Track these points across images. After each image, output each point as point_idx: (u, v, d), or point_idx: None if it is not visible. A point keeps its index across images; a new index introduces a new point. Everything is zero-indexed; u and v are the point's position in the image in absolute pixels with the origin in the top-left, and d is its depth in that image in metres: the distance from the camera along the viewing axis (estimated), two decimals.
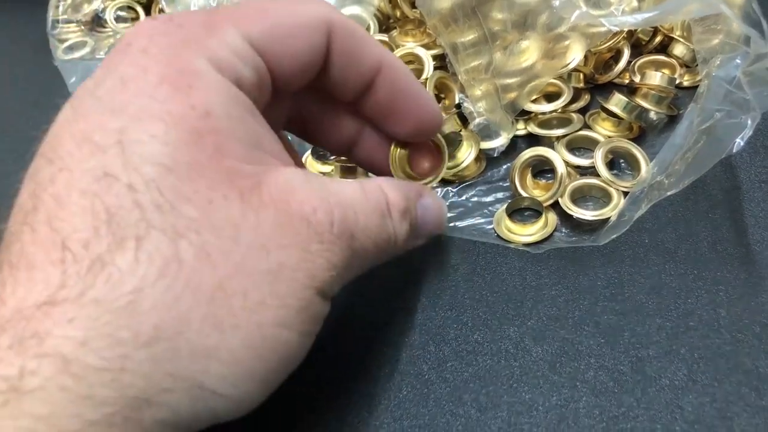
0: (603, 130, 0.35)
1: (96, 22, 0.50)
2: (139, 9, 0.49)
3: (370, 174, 0.31)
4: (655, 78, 0.34)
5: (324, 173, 0.36)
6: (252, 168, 0.19)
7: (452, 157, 0.34)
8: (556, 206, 0.32)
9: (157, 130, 0.18)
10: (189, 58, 0.19)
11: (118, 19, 0.49)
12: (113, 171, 0.17)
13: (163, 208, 0.17)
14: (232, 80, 0.20)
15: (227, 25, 0.21)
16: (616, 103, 0.34)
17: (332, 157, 0.35)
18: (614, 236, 0.30)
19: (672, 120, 0.35)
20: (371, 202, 0.22)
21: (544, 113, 0.36)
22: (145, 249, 0.17)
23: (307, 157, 0.37)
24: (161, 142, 0.18)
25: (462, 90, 0.36)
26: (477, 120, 0.35)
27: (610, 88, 0.36)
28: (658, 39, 0.38)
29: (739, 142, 0.27)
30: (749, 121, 0.27)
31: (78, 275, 0.16)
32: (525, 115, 0.36)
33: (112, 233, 0.17)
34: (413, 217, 0.25)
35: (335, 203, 0.20)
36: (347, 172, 0.34)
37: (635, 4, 0.36)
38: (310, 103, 0.26)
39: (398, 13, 0.41)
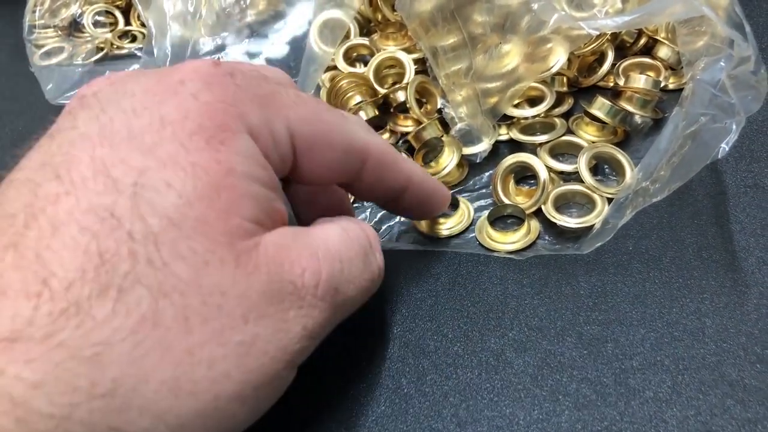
0: (587, 134, 0.34)
1: (73, 27, 0.49)
2: (118, 14, 0.48)
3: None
4: (640, 81, 0.34)
5: None
6: (255, 228, 0.19)
7: (434, 163, 0.34)
8: (539, 213, 0.31)
9: (176, 179, 0.18)
10: (232, 117, 0.19)
11: (96, 24, 0.48)
12: (119, 214, 0.17)
13: (155, 263, 0.17)
14: (262, 152, 0.20)
15: (279, 112, 0.21)
16: (600, 107, 0.33)
17: None
18: (598, 244, 0.29)
19: (657, 123, 0.35)
20: (354, 244, 0.22)
21: (526, 118, 0.35)
22: (125, 302, 0.16)
23: None
24: (176, 194, 0.17)
25: (444, 95, 0.35)
26: (458, 125, 0.35)
27: (593, 91, 0.36)
28: (642, 41, 0.37)
29: (725, 147, 0.27)
30: (734, 126, 0.27)
31: (50, 315, 0.15)
32: (507, 120, 0.36)
33: (97, 279, 0.16)
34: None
35: (324, 258, 0.21)
36: None
37: (619, 5, 0.35)
38: None
39: (379, 17, 0.40)
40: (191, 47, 0.39)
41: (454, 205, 0.32)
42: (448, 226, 0.32)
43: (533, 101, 0.36)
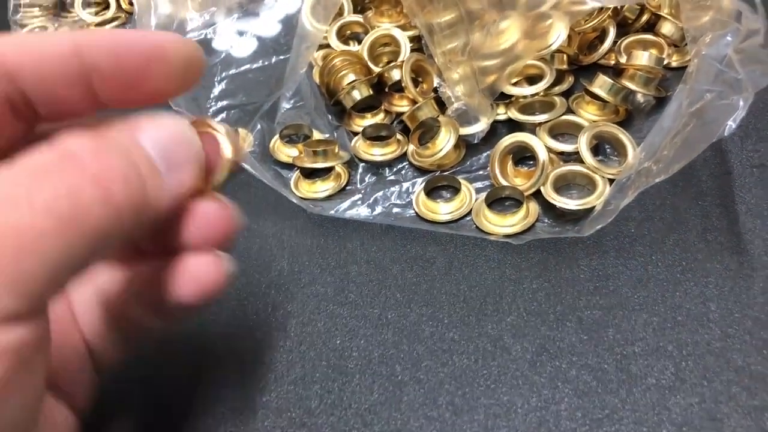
0: (587, 114, 0.33)
1: (60, 7, 0.47)
2: None
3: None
4: (643, 58, 0.32)
5: (292, 157, 0.34)
6: None
7: (430, 144, 0.33)
8: (538, 195, 0.30)
9: None
10: None
11: (85, 4, 0.47)
12: None
13: None
14: None
15: None
16: (601, 85, 0.32)
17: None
18: (599, 226, 0.28)
19: (660, 102, 0.34)
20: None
21: (525, 97, 0.34)
22: None
23: (275, 142, 0.35)
24: None
25: (440, 73, 0.34)
26: (455, 105, 0.33)
27: (594, 69, 0.35)
28: (645, 17, 0.36)
29: (731, 124, 0.26)
30: (741, 102, 0.26)
31: None
32: (505, 99, 0.34)
33: None
34: (126, 151, 0.18)
35: None
36: (315, 155, 0.32)
37: None
38: None
39: None
40: (178, 24, 0.37)
41: (456, 189, 0.31)
42: (448, 210, 0.31)
43: (532, 79, 0.35)
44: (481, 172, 0.33)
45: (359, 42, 0.38)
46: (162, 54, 0.20)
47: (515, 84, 0.34)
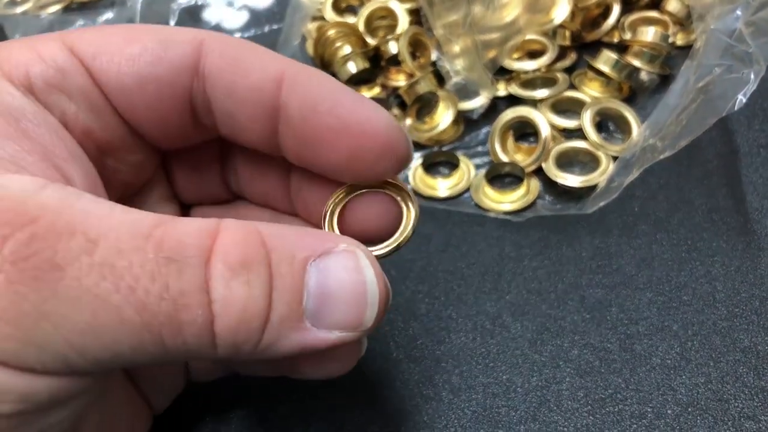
0: (590, 90, 0.32)
1: None
2: None
3: None
4: (648, 34, 0.31)
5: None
6: None
7: (428, 119, 0.32)
8: (539, 172, 0.30)
9: None
10: None
11: None
12: None
13: None
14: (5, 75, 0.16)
15: (51, 37, 0.17)
16: (605, 61, 0.31)
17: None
18: (602, 204, 0.27)
19: (664, 81, 0.33)
20: (143, 228, 0.14)
21: (526, 72, 0.33)
22: None
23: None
24: None
25: (438, 47, 0.33)
26: (454, 79, 0.32)
27: (598, 46, 0.34)
28: None
29: (741, 98, 0.25)
30: (752, 76, 0.25)
31: None
32: (506, 74, 0.33)
33: None
34: (270, 279, 0.15)
35: (39, 217, 0.13)
36: None
37: None
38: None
39: None
40: None
41: (454, 164, 0.30)
42: (446, 186, 0.30)
43: (534, 55, 0.34)
44: (480, 149, 0.32)
45: (355, 15, 0.37)
46: (357, 129, 0.17)
47: (517, 59, 0.33)
